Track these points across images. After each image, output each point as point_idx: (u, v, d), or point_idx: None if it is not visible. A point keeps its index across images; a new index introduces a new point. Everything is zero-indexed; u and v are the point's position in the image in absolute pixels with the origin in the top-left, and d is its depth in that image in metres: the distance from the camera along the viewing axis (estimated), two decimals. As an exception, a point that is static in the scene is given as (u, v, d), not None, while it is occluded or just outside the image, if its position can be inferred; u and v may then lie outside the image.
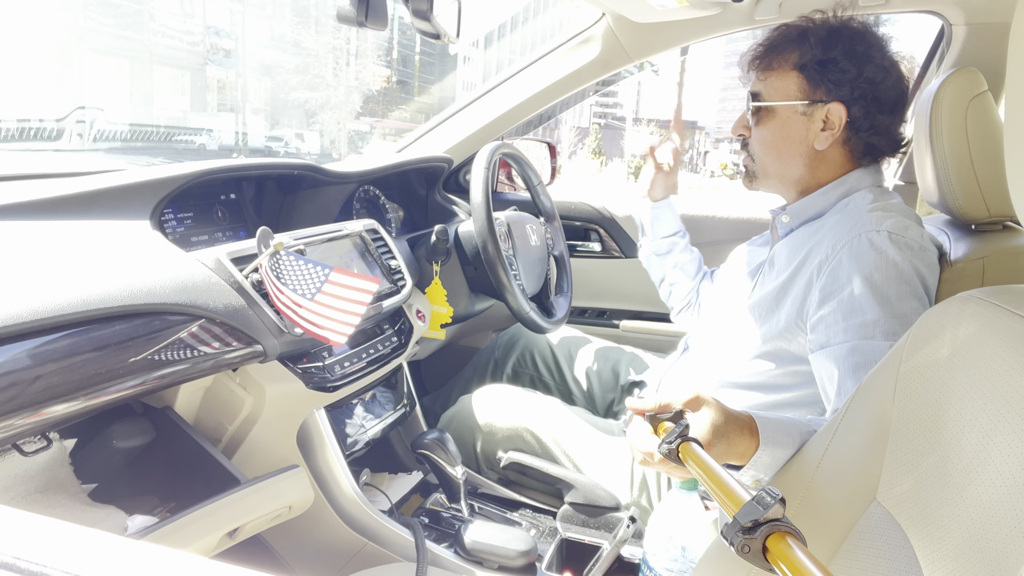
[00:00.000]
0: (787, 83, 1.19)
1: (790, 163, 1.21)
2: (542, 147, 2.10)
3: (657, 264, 1.65)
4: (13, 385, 0.72)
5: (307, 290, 1.00)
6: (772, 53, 1.21)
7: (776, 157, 1.22)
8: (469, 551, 1.18)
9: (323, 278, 1.01)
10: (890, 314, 1.00)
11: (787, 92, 1.19)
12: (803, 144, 1.19)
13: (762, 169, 1.26)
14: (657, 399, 0.85)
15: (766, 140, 1.22)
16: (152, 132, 21.35)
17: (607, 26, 1.80)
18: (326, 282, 1.01)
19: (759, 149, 1.24)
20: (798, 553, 0.53)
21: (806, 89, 1.17)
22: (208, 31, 31.41)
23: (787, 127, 1.20)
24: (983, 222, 1.20)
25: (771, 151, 1.23)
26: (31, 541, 0.31)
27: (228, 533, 0.96)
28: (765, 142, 1.23)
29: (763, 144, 1.23)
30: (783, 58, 1.19)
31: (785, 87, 1.19)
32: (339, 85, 33.55)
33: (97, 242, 0.95)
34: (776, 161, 1.23)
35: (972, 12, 1.56)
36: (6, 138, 9.00)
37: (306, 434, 1.23)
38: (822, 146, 1.18)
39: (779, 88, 1.19)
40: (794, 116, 1.18)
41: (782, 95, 1.19)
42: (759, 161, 1.25)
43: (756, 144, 1.24)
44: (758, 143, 1.24)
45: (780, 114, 1.19)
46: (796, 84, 1.18)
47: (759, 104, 1.21)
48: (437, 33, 1.13)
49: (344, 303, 1.01)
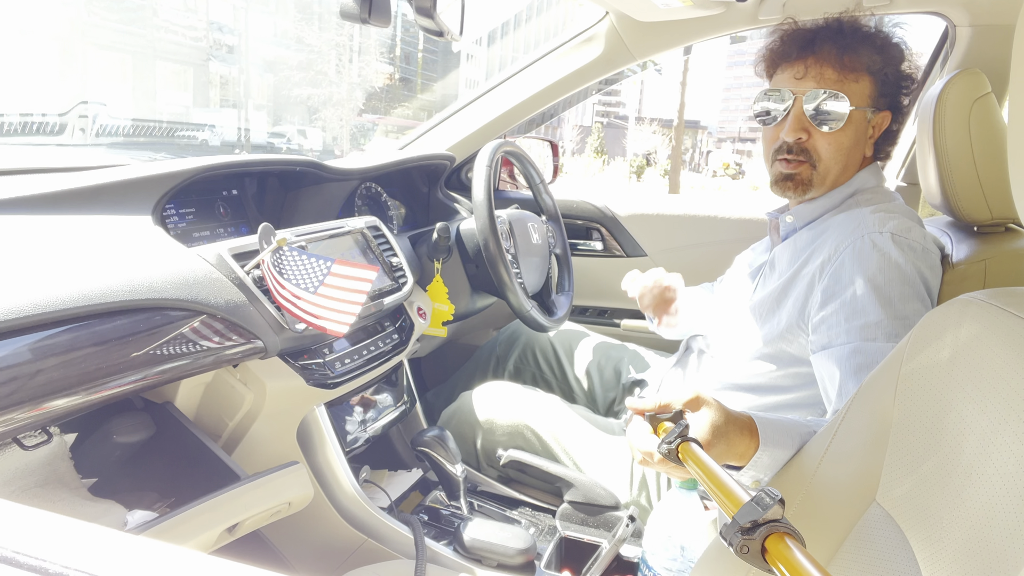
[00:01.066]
0: (862, 87, 1.14)
1: (849, 169, 1.18)
2: (544, 145, 2.10)
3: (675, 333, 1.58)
4: (14, 379, 0.72)
5: (309, 283, 1.01)
6: (846, 52, 1.13)
7: (843, 164, 1.16)
8: (468, 549, 1.18)
9: (325, 271, 1.01)
10: (892, 316, 1.00)
11: (862, 96, 1.14)
12: (861, 150, 1.17)
13: (822, 176, 1.17)
14: (657, 399, 0.85)
15: (840, 145, 1.14)
16: (154, 127, 21.36)
17: (610, 25, 1.80)
18: (328, 274, 1.01)
19: (829, 154, 1.15)
20: (797, 554, 0.53)
21: (874, 96, 1.14)
22: (211, 27, 31.39)
23: (858, 132, 1.15)
24: (985, 224, 1.19)
25: (842, 157, 1.16)
26: (31, 535, 0.31)
27: (227, 529, 0.96)
28: (839, 147, 1.15)
29: (836, 149, 1.15)
30: (857, 59, 1.13)
31: (860, 90, 1.13)
32: (342, 82, 33.53)
33: (99, 237, 0.95)
34: (841, 167, 1.17)
35: (976, 14, 1.55)
36: (9, 132, 9.01)
37: (306, 431, 1.23)
38: (870, 153, 1.17)
39: (855, 91, 1.13)
40: (863, 122, 1.15)
41: (858, 99, 1.13)
42: (824, 167, 1.16)
43: (826, 148, 1.15)
44: (830, 147, 1.15)
45: (854, 119, 1.14)
46: (869, 89, 1.14)
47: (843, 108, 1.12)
48: (440, 30, 1.13)
49: (345, 293, 1.01)
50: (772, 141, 1.20)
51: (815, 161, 1.16)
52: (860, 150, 1.18)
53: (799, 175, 1.17)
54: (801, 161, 1.17)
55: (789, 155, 1.17)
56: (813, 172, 1.17)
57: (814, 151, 1.16)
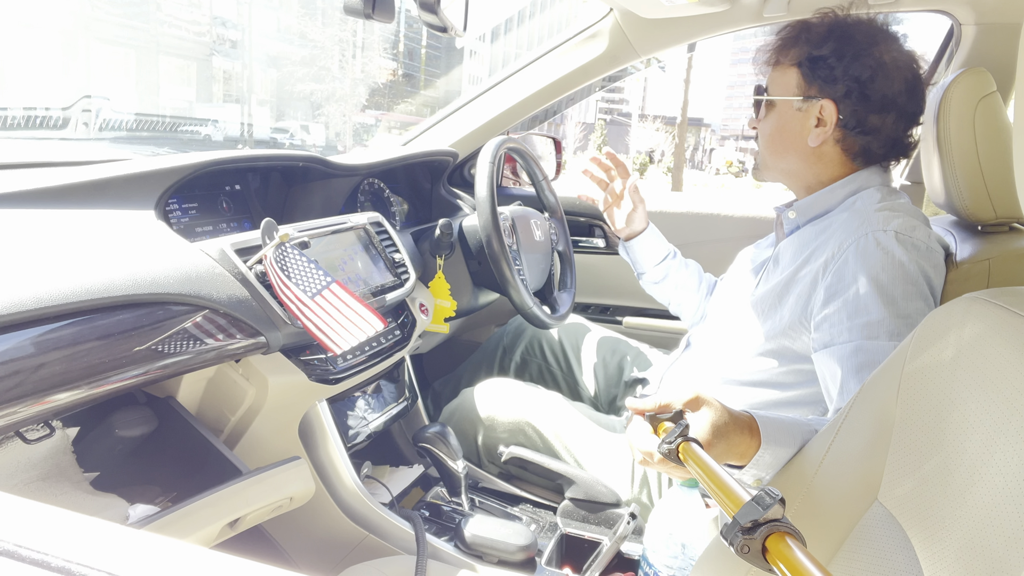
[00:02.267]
0: (787, 79, 1.21)
1: (786, 157, 1.24)
2: (547, 142, 2.10)
3: (659, 291, 1.63)
4: (16, 373, 0.73)
5: (308, 287, 1.00)
6: (779, 49, 1.23)
7: (773, 150, 1.26)
8: (469, 545, 1.18)
9: (323, 284, 1.01)
10: (895, 314, 0.99)
11: (786, 87, 1.21)
12: (798, 140, 1.21)
13: (763, 161, 1.29)
14: (657, 399, 0.85)
15: (765, 133, 1.26)
16: (158, 122, 21.35)
17: (614, 21, 1.79)
18: (326, 289, 1.00)
19: (761, 141, 1.28)
20: (797, 553, 0.52)
21: (802, 85, 1.19)
22: (215, 22, 31.39)
23: (784, 122, 1.22)
24: (989, 223, 1.19)
25: (769, 144, 1.26)
26: (32, 529, 0.31)
27: (229, 523, 0.96)
28: (764, 135, 1.26)
29: (763, 137, 1.26)
30: (787, 53, 1.21)
31: (785, 82, 1.21)
32: (345, 77, 33.50)
33: (102, 231, 0.95)
34: (773, 154, 1.26)
35: (982, 12, 1.55)
36: (12, 126, 9.02)
37: (308, 426, 1.23)
38: (815, 143, 1.19)
39: (780, 83, 1.22)
40: (790, 111, 1.21)
41: (781, 90, 1.22)
42: (762, 151, 1.29)
43: (761, 135, 1.28)
44: (760, 136, 1.27)
45: (779, 108, 1.22)
46: (795, 80, 1.20)
47: (761, 98, 1.25)
48: (444, 26, 1.13)
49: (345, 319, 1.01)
50: None
51: (759, 147, 1.30)
52: (796, 139, 1.21)
53: (755, 159, 1.34)
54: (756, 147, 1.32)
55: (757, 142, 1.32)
56: (758, 157, 1.31)
57: (758, 139, 1.29)
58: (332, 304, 1.00)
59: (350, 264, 1.26)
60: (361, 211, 1.52)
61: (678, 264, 1.61)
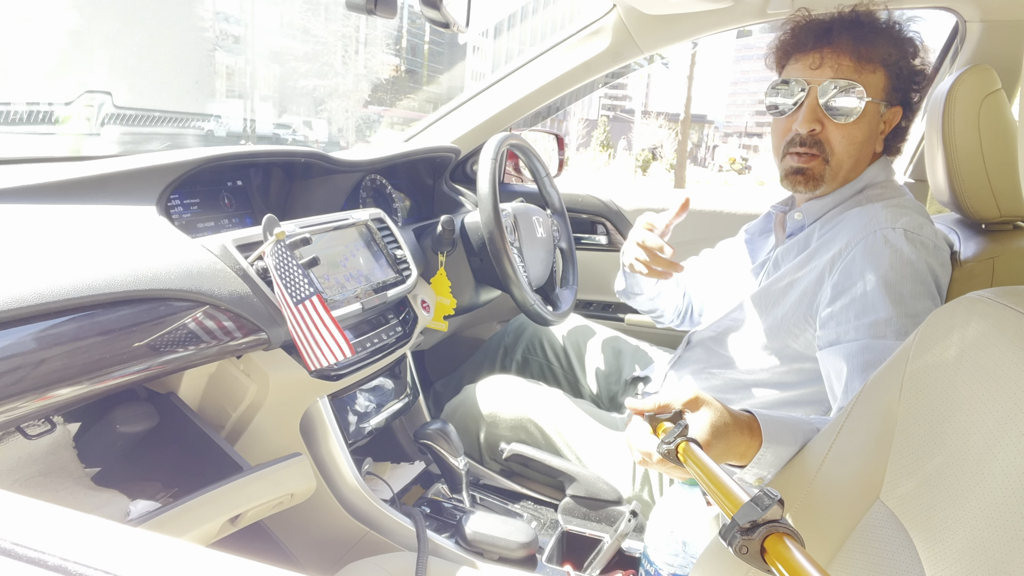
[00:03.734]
0: (878, 79, 1.12)
1: (860, 165, 1.16)
2: (550, 139, 2.09)
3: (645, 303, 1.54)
4: (17, 368, 0.73)
5: (295, 293, 0.99)
6: (863, 43, 1.11)
7: (856, 158, 1.15)
8: (470, 542, 1.18)
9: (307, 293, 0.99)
10: (903, 313, 0.99)
11: (877, 88, 1.12)
12: (872, 144, 1.16)
13: (835, 171, 1.15)
14: (656, 399, 0.85)
15: (854, 138, 1.13)
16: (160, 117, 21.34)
17: (618, 17, 1.79)
18: (308, 299, 0.99)
19: (843, 147, 1.13)
20: (796, 554, 0.52)
21: (888, 89, 1.13)
22: (217, 17, 31.37)
23: (872, 126, 1.14)
24: (993, 222, 1.19)
25: (856, 151, 1.14)
26: (29, 527, 0.31)
27: (230, 519, 0.96)
28: (853, 140, 1.13)
29: (851, 143, 1.13)
30: (874, 51, 1.11)
31: (875, 82, 1.12)
32: (348, 73, 33.49)
33: (103, 227, 0.95)
34: (854, 161, 1.15)
35: (987, 9, 1.54)
36: (15, 121, 9.02)
37: (309, 422, 1.23)
38: (880, 148, 1.16)
39: (871, 83, 1.11)
40: (877, 116, 1.14)
41: (874, 90, 1.12)
42: (838, 161, 1.14)
43: (840, 141, 1.13)
44: (845, 140, 1.13)
45: (869, 112, 1.12)
46: (883, 82, 1.12)
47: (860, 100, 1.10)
48: (447, 22, 1.12)
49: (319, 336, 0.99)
50: (783, 133, 1.17)
51: (828, 155, 1.14)
52: (872, 145, 1.16)
53: (811, 169, 1.15)
54: (814, 155, 1.14)
55: (801, 148, 1.14)
56: (826, 167, 1.14)
57: (827, 144, 1.13)
58: (310, 316, 0.98)
59: (352, 260, 1.26)
60: (363, 207, 1.52)
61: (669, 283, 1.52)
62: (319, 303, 0.99)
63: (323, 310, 0.99)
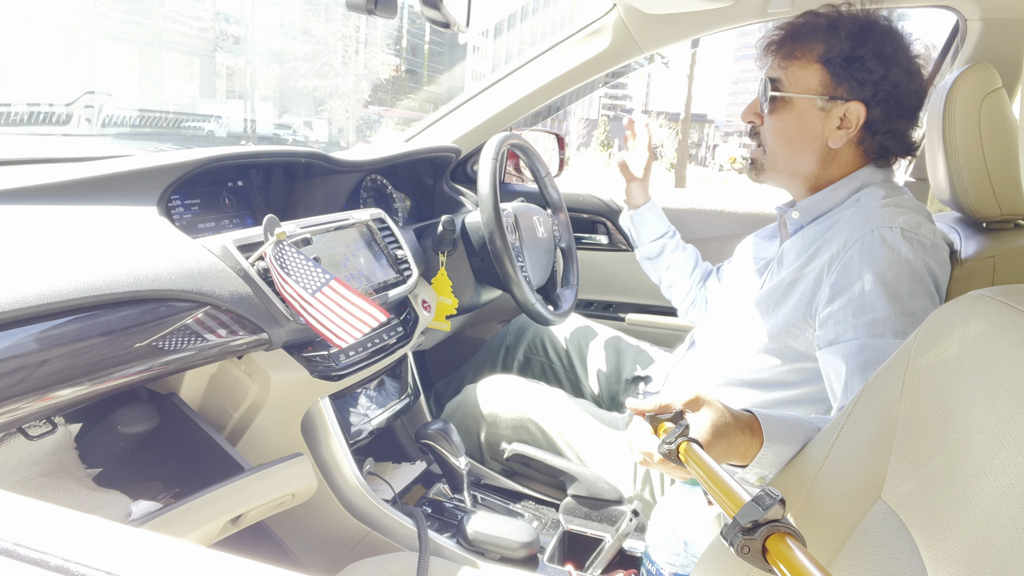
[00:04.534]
0: (809, 75, 1.15)
1: (802, 158, 1.18)
2: (550, 138, 2.09)
3: (651, 268, 1.66)
4: (19, 369, 0.73)
5: (308, 285, 1.00)
6: (796, 41, 1.16)
7: (788, 150, 1.19)
8: (471, 542, 1.18)
9: (323, 281, 1.00)
10: (901, 312, 0.99)
11: (808, 84, 1.15)
12: (818, 140, 1.16)
13: (772, 161, 1.22)
14: (657, 399, 0.85)
15: (780, 131, 1.18)
16: (161, 118, 21.37)
17: (618, 17, 1.78)
18: (326, 286, 1.00)
19: (771, 140, 1.20)
20: (798, 554, 0.52)
21: (828, 84, 1.14)
22: (218, 17, 31.38)
23: (803, 120, 1.16)
24: (994, 220, 1.18)
25: (784, 143, 1.19)
26: (31, 528, 0.31)
27: (232, 520, 0.96)
28: (779, 133, 1.19)
29: (776, 135, 1.19)
30: (808, 48, 1.15)
31: (806, 78, 1.15)
32: (348, 73, 33.49)
33: (104, 228, 0.95)
34: (788, 154, 1.19)
35: (987, 8, 1.54)
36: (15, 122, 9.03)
37: (310, 422, 1.23)
38: (836, 144, 1.15)
39: (800, 79, 1.15)
40: (812, 110, 1.15)
41: (802, 86, 1.15)
42: (770, 152, 1.21)
43: (768, 134, 1.20)
44: (771, 133, 1.20)
45: (798, 106, 1.16)
46: (818, 77, 1.14)
47: (777, 93, 1.17)
48: (447, 22, 1.12)
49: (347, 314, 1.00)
50: None
51: (765, 145, 1.22)
52: (816, 140, 1.16)
53: (754, 159, 1.25)
54: (757, 145, 1.24)
55: (749, 137, 1.26)
56: (764, 156, 1.23)
57: (763, 136, 1.22)
58: (333, 300, 0.99)
59: (352, 260, 1.26)
60: (364, 207, 1.52)
61: (674, 245, 1.62)
62: (338, 284, 1.00)
63: (344, 288, 1.00)
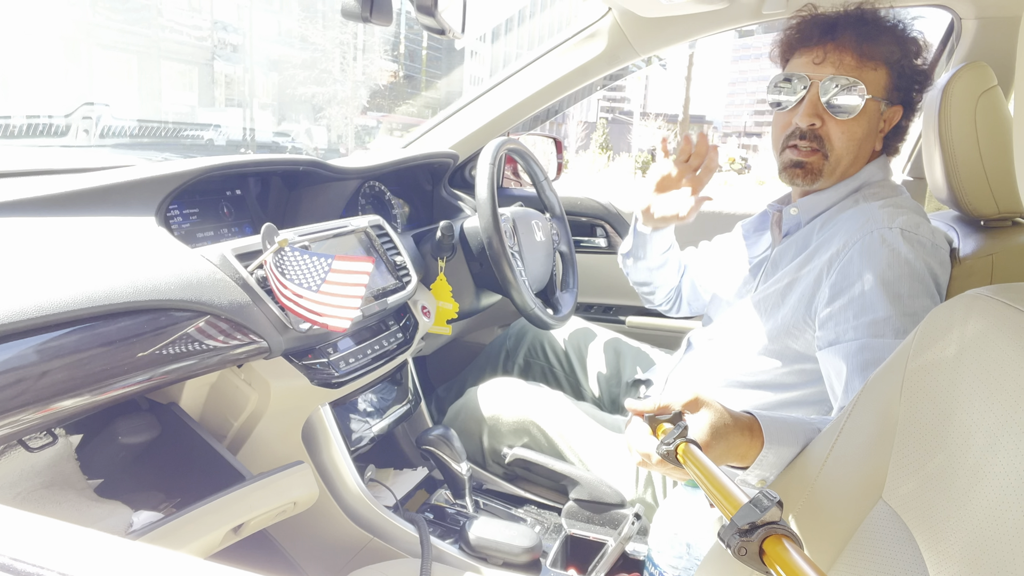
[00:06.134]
0: (879, 76, 1.12)
1: (858, 161, 1.16)
2: (548, 142, 2.09)
3: (643, 273, 1.55)
4: (19, 381, 0.73)
5: (311, 282, 1.01)
6: (866, 40, 1.12)
7: (854, 154, 1.15)
8: (474, 547, 1.18)
9: (327, 268, 1.02)
10: (901, 312, 0.99)
11: (878, 86, 1.13)
12: (872, 142, 1.16)
13: (833, 165, 1.15)
14: (656, 400, 0.85)
15: (852, 134, 1.13)
16: (159, 128, 21.41)
17: (613, 21, 1.79)
18: (330, 271, 1.01)
19: (842, 143, 1.14)
20: (795, 556, 0.52)
21: (889, 88, 1.14)
22: (216, 26, 31.43)
23: (871, 123, 1.14)
24: (992, 218, 1.18)
25: (854, 147, 1.14)
26: (29, 542, 0.31)
27: (233, 529, 0.96)
28: (851, 136, 1.13)
29: (849, 138, 1.14)
30: (876, 49, 1.12)
31: (877, 80, 1.12)
32: (346, 80, 33.56)
33: (103, 238, 0.96)
34: (852, 158, 1.15)
35: (982, 6, 1.54)
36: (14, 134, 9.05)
37: (311, 430, 1.23)
38: (880, 147, 1.16)
39: (872, 80, 1.12)
40: (876, 113, 1.14)
41: (875, 88, 1.12)
42: (836, 156, 1.15)
43: (839, 137, 1.14)
44: (843, 136, 1.14)
45: (869, 108, 1.12)
46: (885, 80, 1.13)
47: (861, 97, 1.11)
48: (442, 28, 1.12)
49: (345, 288, 1.02)
50: (784, 127, 1.18)
51: (827, 150, 1.15)
52: (871, 143, 1.17)
53: (810, 164, 1.16)
54: (814, 149, 1.15)
55: (801, 141, 1.15)
56: (825, 162, 1.15)
57: (827, 139, 1.14)
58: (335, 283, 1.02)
59: (351, 268, 1.26)
60: (362, 214, 1.52)
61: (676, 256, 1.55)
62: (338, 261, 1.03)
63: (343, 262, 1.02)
